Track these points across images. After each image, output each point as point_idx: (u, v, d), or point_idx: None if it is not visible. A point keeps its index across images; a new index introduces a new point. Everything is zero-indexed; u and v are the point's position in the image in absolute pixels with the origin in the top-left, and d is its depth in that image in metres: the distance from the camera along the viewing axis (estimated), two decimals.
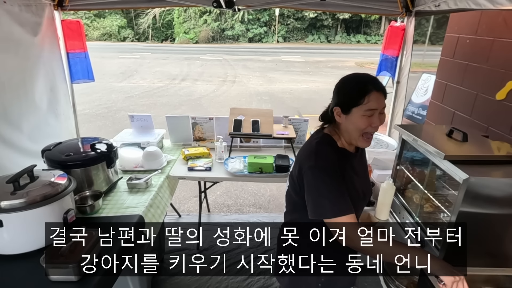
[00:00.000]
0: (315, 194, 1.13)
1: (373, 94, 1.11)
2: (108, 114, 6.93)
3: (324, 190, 1.11)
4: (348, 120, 1.16)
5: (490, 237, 1.29)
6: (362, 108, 1.12)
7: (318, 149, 1.18)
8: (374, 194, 1.91)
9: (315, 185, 1.12)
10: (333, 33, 23.43)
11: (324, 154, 1.16)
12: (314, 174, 1.13)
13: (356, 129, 1.16)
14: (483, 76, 2.12)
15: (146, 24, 23.13)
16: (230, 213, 3.47)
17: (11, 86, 2.05)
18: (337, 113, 1.18)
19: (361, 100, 1.12)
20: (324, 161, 1.14)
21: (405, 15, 2.68)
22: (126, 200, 1.85)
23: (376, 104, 1.12)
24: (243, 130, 2.46)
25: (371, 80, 1.14)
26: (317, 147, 1.18)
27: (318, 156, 1.15)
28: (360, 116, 1.14)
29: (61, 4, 2.46)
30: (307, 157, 1.18)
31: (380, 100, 1.13)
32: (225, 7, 2.41)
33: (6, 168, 1.80)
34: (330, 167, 1.13)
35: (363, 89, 1.12)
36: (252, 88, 9.58)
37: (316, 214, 1.12)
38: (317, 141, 1.21)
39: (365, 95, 1.11)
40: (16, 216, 1.27)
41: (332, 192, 1.10)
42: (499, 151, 1.42)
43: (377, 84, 1.14)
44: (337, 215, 1.08)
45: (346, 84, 1.19)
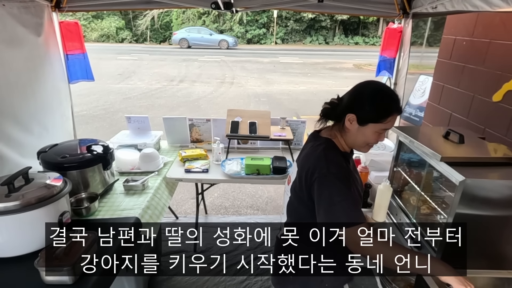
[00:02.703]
0: (328, 203, 1.07)
1: (394, 116, 1.12)
2: (105, 116, 6.90)
3: (338, 199, 1.06)
4: (360, 131, 1.14)
5: (487, 239, 1.29)
6: (380, 126, 1.12)
7: (328, 156, 1.14)
8: (371, 196, 1.91)
9: (329, 194, 1.08)
10: (331, 34, 23.47)
11: (334, 160, 1.13)
12: (327, 182, 1.08)
13: (364, 141, 1.16)
14: (480, 78, 2.13)
15: (144, 26, 23.08)
16: (227, 215, 3.46)
17: (19, 86, 2.05)
18: (350, 119, 1.14)
19: (382, 120, 1.11)
20: (336, 168, 1.11)
21: (402, 17, 2.69)
22: (122, 202, 1.84)
23: (392, 125, 1.14)
24: (240, 131, 2.46)
25: (396, 100, 1.13)
26: (326, 153, 1.14)
27: (330, 163, 1.11)
28: (373, 132, 1.13)
29: (58, 5, 2.45)
30: (317, 165, 1.12)
31: (395, 121, 1.14)
32: (223, 9, 2.41)
33: (17, 169, 1.79)
34: (342, 173, 1.11)
35: (389, 109, 1.11)
36: (250, 90, 9.57)
37: (328, 224, 1.08)
38: (324, 147, 1.17)
39: (389, 115, 1.11)
40: (10, 219, 1.26)
41: (345, 201, 1.06)
42: (496, 153, 1.43)
43: (399, 104, 1.13)
44: (351, 225, 1.03)
45: (372, 97, 1.13)
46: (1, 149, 1.88)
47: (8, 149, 1.93)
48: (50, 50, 2.39)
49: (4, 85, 1.94)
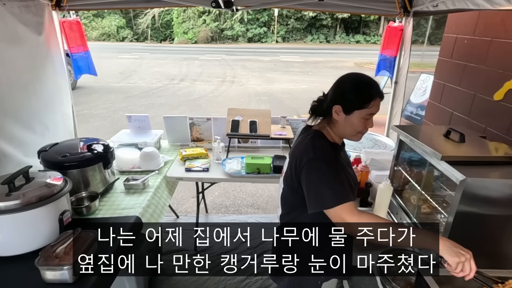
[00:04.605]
0: (316, 185, 1.13)
1: (377, 100, 1.16)
2: (106, 115, 6.91)
3: (325, 179, 1.12)
4: (347, 120, 1.19)
5: (487, 238, 1.28)
6: (365, 112, 1.17)
7: (315, 143, 1.20)
8: (371, 195, 1.91)
9: (316, 176, 1.13)
10: (332, 33, 23.43)
11: (321, 146, 1.19)
12: (314, 165, 1.14)
13: (353, 129, 1.21)
14: (481, 77, 2.12)
15: (145, 24, 23.10)
16: (228, 214, 3.46)
17: (21, 85, 2.05)
18: (337, 111, 1.20)
19: (366, 105, 1.16)
20: (322, 152, 1.17)
21: (403, 16, 2.68)
22: (122, 201, 1.84)
23: (376, 110, 1.18)
24: (241, 130, 2.46)
25: (376, 85, 1.18)
26: (313, 141, 1.20)
27: (316, 149, 1.17)
28: (359, 119, 1.18)
29: (59, 4, 2.45)
30: (304, 152, 1.19)
31: (379, 105, 1.19)
32: (224, 7, 2.41)
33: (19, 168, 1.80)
34: (328, 158, 1.16)
35: (370, 94, 1.16)
36: (251, 88, 9.57)
37: (317, 205, 1.13)
38: (311, 136, 1.23)
39: (371, 100, 1.16)
40: (11, 218, 1.26)
41: (333, 181, 1.12)
42: (497, 152, 1.42)
43: (380, 89, 1.18)
44: (339, 203, 1.08)
45: (353, 86, 1.20)
46: (4, 147, 1.89)
47: (11, 147, 1.93)
48: (51, 48, 2.40)
49: (5, 84, 1.94)
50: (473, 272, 0.98)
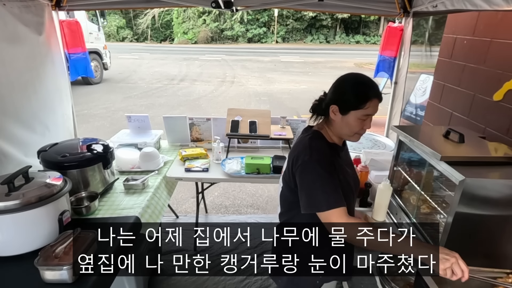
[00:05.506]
0: (310, 187, 1.14)
1: (373, 101, 1.15)
2: (106, 115, 6.90)
3: (319, 183, 1.12)
4: (344, 121, 1.19)
5: (487, 238, 1.28)
6: (361, 112, 1.16)
7: (312, 144, 1.20)
8: (371, 195, 1.91)
9: (311, 179, 1.14)
10: (332, 33, 23.44)
11: (318, 148, 1.19)
12: (309, 167, 1.14)
13: (349, 130, 1.21)
14: (481, 77, 2.12)
15: (145, 25, 23.11)
16: (228, 214, 3.46)
17: (21, 85, 2.05)
18: (334, 111, 1.20)
19: (362, 105, 1.15)
20: (319, 155, 1.16)
21: (403, 16, 2.68)
22: (122, 201, 1.84)
23: (373, 111, 1.17)
24: (241, 131, 2.46)
25: (374, 86, 1.17)
26: (311, 142, 1.21)
27: (313, 150, 1.17)
28: (356, 119, 1.17)
29: (59, 4, 2.45)
30: (302, 152, 1.19)
31: (377, 107, 1.18)
32: (224, 8, 2.41)
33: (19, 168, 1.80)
34: (325, 160, 1.16)
35: (366, 95, 1.15)
36: (251, 89, 9.57)
37: (309, 207, 1.13)
38: (309, 136, 1.23)
39: (367, 101, 1.15)
40: (10, 218, 1.26)
41: (326, 185, 1.12)
42: (496, 152, 1.42)
43: (378, 91, 1.17)
44: (331, 207, 1.09)
45: (349, 86, 1.20)
46: (4, 147, 1.89)
47: (12, 147, 1.93)
48: (51, 49, 2.40)
49: (6, 84, 1.94)
50: (466, 273, 0.95)
